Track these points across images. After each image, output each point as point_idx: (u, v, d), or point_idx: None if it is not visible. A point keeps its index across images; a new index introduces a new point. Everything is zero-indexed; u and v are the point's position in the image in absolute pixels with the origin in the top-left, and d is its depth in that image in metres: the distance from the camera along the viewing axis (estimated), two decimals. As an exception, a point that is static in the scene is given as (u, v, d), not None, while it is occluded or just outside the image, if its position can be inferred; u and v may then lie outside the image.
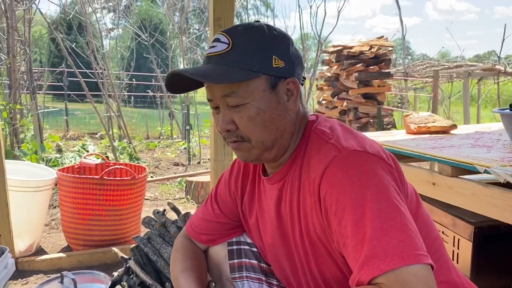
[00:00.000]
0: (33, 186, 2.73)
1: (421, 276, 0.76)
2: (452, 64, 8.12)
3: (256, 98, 0.98)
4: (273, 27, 1.04)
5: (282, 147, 1.06)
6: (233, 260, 1.32)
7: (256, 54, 0.98)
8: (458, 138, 2.73)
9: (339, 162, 0.92)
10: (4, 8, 4.63)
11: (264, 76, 0.98)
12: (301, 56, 1.07)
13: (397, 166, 0.98)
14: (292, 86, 1.02)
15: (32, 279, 2.48)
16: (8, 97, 4.94)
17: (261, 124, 1.00)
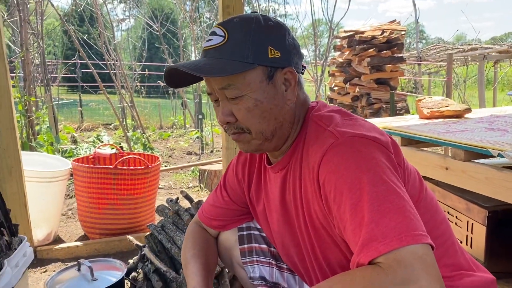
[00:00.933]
0: (49, 176, 2.78)
1: (419, 254, 0.76)
2: (467, 47, 7.97)
3: (254, 89, 0.99)
4: (269, 17, 1.04)
5: (282, 137, 1.07)
6: (243, 245, 1.34)
7: (251, 45, 0.98)
8: (472, 122, 2.70)
9: (336, 149, 0.92)
10: (16, 1, 4.67)
11: (260, 67, 0.99)
12: (298, 45, 1.07)
13: (397, 150, 0.98)
14: (289, 75, 1.03)
15: (50, 267, 2.54)
16: (23, 89, 5.01)
17: (259, 115, 1.01)
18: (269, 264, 1.34)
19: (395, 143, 1.00)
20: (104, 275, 2.01)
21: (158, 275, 1.99)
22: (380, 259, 0.77)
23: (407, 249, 0.77)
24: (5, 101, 2.37)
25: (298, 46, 1.06)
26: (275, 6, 14.57)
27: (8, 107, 2.38)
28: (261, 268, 1.34)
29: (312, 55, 9.26)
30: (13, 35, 6.30)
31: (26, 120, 4.74)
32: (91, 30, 7.14)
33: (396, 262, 0.76)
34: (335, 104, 5.64)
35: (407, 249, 0.77)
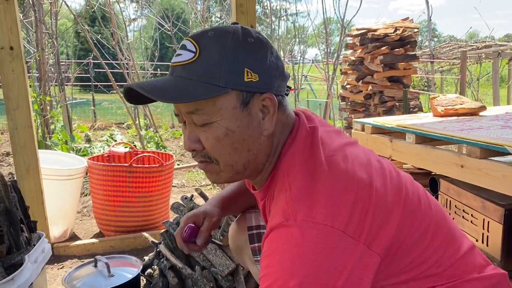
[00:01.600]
0: (66, 174, 2.82)
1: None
2: (481, 44, 7.89)
3: (225, 116, 0.86)
4: (249, 32, 0.90)
5: (255, 169, 0.95)
6: (253, 244, 1.34)
7: (225, 65, 0.84)
8: (487, 120, 2.68)
9: (277, 233, 0.81)
10: (32, 1, 4.74)
11: (234, 91, 0.85)
12: (282, 65, 0.93)
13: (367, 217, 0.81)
14: (268, 102, 0.89)
15: (67, 263, 2.58)
16: (38, 89, 5.08)
17: (230, 145, 0.88)
18: None
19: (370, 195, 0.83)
20: (120, 271, 2.04)
21: (174, 271, 2.01)
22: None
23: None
24: (23, 100, 2.41)
25: (281, 67, 0.92)
26: (286, 5, 14.59)
27: (26, 106, 2.42)
28: None
29: (323, 53, 9.25)
30: (27, 35, 6.40)
31: (42, 119, 4.80)
32: (103, 30, 7.21)
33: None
34: (347, 102, 5.62)
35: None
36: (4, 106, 2.41)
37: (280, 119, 0.93)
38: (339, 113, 6.71)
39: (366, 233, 0.79)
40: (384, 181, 0.88)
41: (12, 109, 2.41)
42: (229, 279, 1.91)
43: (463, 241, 0.98)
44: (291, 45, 9.91)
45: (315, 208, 0.79)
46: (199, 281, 1.90)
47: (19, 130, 2.43)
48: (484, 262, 0.98)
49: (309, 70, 12.91)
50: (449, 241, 0.94)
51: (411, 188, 0.94)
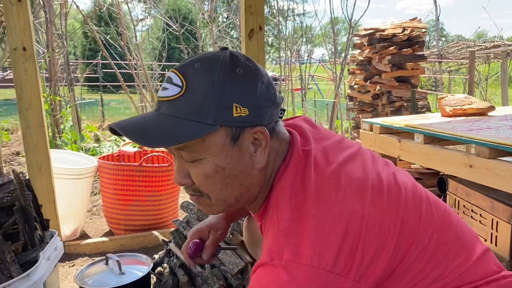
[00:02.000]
0: (76, 173, 2.86)
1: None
2: (490, 44, 7.85)
3: (214, 153, 0.83)
4: (239, 60, 0.86)
5: (248, 200, 0.93)
6: None
7: (212, 101, 0.80)
8: (496, 120, 2.68)
9: (262, 272, 0.80)
10: (42, 2, 4.79)
11: (223, 128, 0.82)
12: (273, 92, 0.88)
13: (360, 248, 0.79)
14: (260, 135, 0.85)
15: (78, 261, 2.62)
16: (48, 89, 5.13)
17: (220, 182, 0.86)
18: None
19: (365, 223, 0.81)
20: (131, 269, 2.06)
21: (184, 269, 2.03)
22: None
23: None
24: (35, 100, 2.44)
25: (273, 94, 0.88)
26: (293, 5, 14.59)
27: (38, 106, 2.46)
28: None
29: (331, 53, 9.26)
30: (37, 36, 6.46)
31: (52, 119, 4.85)
32: (111, 30, 7.26)
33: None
34: (355, 102, 5.62)
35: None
36: (17, 106, 2.45)
37: (273, 147, 0.90)
38: (347, 113, 6.71)
39: (355, 269, 0.78)
40: (379, 203, 0.85)
41: (25, 109, 2.44)
42: (238, 277, 1.93)
43: (474, 247, 0.94)
44: (298, 45, 9.91)
45: (301, 248, 0.77)
46: (209, 279, 1.92)
47: (31, 129, 2.47)
48: (497, 268, 0.95)
49: (316, 70, 12.90)
50: (455, 251, 0.90)
51: (411, 200, 0.91)
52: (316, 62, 12.84)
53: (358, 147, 1.01)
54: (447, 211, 0.97)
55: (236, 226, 2.09)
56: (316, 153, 0.90)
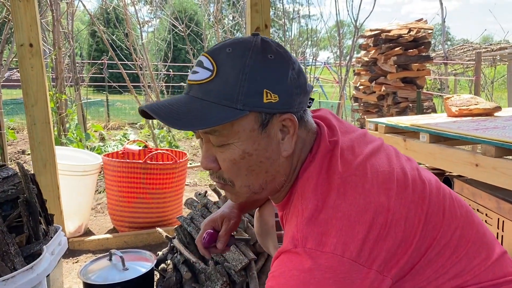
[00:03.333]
0: (81, 170, 2.86)
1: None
2: (496, 46, 7.82)
3: (242, 138, 0.83)
4: (270, 46, 0.85)
5: (274, 189, 0.93)
6: (280, 230, 1.33)
7: (243, 86, 0.80)
8: (502, 120, 2.66)
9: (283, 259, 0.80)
10: (50, 1, 4.82)
11: (252, 113, 0.82)
12: (303, 81, 0.87)
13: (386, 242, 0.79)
14: (288, 123, 0.85)
15: (82, 257, 2.62)
16: (54, 87, 5.16)
17: (246, 168, 0.86)
18: None
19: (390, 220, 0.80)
20: (134, 265, 2.06)
21: (187, 266, 2.03)
22: None
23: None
24: (41, 96, 2.45)
25: (303, 82, 0.87)
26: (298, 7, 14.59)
27: (44, 102, 2.47)
28: None
29: (336, 56, 9.25)
30: (44, 35, 6.50)
31: (58, 117, 4.88)
32: (118, 31, 7.30)
33: None
34: (360, 103, 5.62)
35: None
36: (23, 102, 2.46)
37: (300, 136, 0.89)
38: (352, 114, 6.70)
39: (379, 260, 0.77)
40: (405, 196, 0.85)
41: (31, 105, 2.45)
42: (242, 274, 1.93)
43: (494, 248, 0.94)
44: (303, 47, 9.92)
45: (326, 237, 0.77)
46: (212, 276, 1.91)
47: (37, 126, 2.48)
48: None
49: (321, 73, 12.90)
50: (476, 249, 0.90)
51: (435, 195, 0.90)
52: (321, 65, 12.85)
53: (381, 141, 1.01)
54: (469, 209, 0.96)
55: (240, 223, 2.08)
56: (343, 145, 0.90)
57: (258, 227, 1.43)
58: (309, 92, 0.89)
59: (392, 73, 4.94)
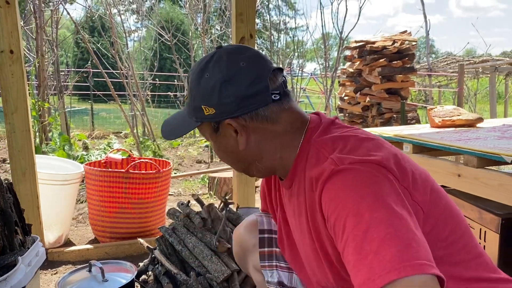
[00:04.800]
0: (61, 179, 2.81)
1: (416, 285, 0.70)
2: (478, 59, 7.95)
3: (210, 139, 1.07)
4: (206, 66, 1.00)
5: (264, 169, 1.08)
6: (263, 248, 1.32)
7: (191, 103, 1.03)
8: (484, 131, 2.69)
9: (334, 177, 0.88)
10: (33, 9, 4.77)
11: (205, 123, 1.03)
12: (241, 85, 0.97)
13: (403, 170, 0.91)
14: (235, 124, 0.99)
15: (61, 269, 2.56)
16: (36, 96, 5.09)
17: (224, 157, 1.10)
18: (289, 270, 1.31)
19: (400, 159, 0.93)
20: (114, 276, 2.02)
21: (169, 277, 1.99)
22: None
23: (405, 280, 0.70)
24: (21, 103, 2.41)
25: (239, 89, 0.97)
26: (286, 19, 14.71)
27: (24, 110, 2.42)
28: (280, 273, 1.31)
29: (322, 67, 9.30)
30: (28, 42, 6.42)
31: (40, 125, 4.80)
32: (104, 39, 7.25)
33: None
34: (345, 114, 5.65)
35: (403, 281, 0.70)
36: (2, 110, 2.41)
37: (266, 129, 1.01)
38: (337, 125, 6.71)
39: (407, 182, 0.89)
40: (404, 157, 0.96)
41: (10, 113, 2.40)
42: (224, 285, 1.90)
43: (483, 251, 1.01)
44: (290, 58, 9.97)
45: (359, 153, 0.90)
46: (194, 287, 1.88)
47: (16, 133, 2.43)
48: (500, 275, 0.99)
49: (308, 84, 12.98)
50: (470, 233, 0.99)
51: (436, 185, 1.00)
52: (308, 76, 12.93)
53: None
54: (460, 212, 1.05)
55: (223, 233, 2.06)
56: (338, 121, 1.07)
57: (238, 246, 1.42)
58: (256, 93, 0.98)
59: (377, 84, 4.99)
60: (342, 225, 0.82)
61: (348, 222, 0.81)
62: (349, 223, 0.80)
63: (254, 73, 0.98)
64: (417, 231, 0.78)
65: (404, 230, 0.76)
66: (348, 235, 0.80)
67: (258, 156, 1.05)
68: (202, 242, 2.05)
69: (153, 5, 10.84)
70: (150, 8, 11.07)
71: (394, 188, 0.85)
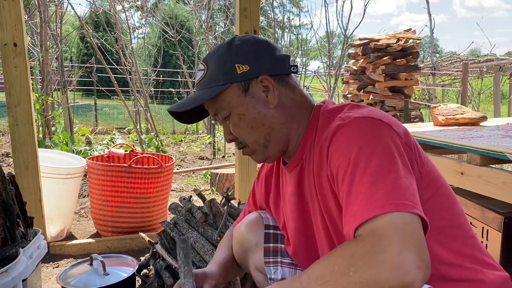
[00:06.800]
0: (64, 173, 2.81)
1: (397, 223, 0.75)
2: (483, 58, 7.91)
3: (235, 105, 1.06)
4: (237, 38, 1.10)
5: (280, 139, 1.10)
6: (268, 244, 1.32)
7: (220, 68, 1.06)
8: (487, 130, 2.68)
9: (341, 129, 0.94)
10: (37, 3, 4.77)
11: (234, 84, 1.05)
12: (272, 51, 1.10)
13: (407, 134, 0.97)
14: (265, 82, 1.06)
15: (62, 262, 2.56)
16: (40, 90, 5.09)
17: (246, 126, 1.08)
18: (293, 265, 1.32)
19: (407, 131, 0.99)
20: (115, 270, 2.02)
21: (170, 271, 1.99)
22: (359, 229, 0.78)
23: (385, 217, 0.76)
24: (24, 96, 2.41)
25: (271, 52, 1.09)
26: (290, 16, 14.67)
27: (27, 103, 2.42)
28: (285, 270, 1.31)
29: (326, 66, 9.29)
30: (32, 37, 6.43)
31: (43, 119, 4.81)
32: (108, 36, 7.26)
33: (371, 231, 0.76)
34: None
35: (385, 217, 0.76)
36: (6, 102, 2.41)
37: (284, 93, 1.09)
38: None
39: (409, 140, 0.95)
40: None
41: (13, 106, 2.41)
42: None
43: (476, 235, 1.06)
44: (293, 56, 9.95)
45: (365, 111, 0.97)
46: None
47: (19, 126, 2.43)
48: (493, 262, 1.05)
49: (311, 82, 12.96)
50: (465, 216, 1.04)
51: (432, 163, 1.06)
52: (311, 74, 12.91)
53: None
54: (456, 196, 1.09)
55: (224, 229, 2.06)
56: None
57: (239, 245, 1.41)
58: (282, 59, 1.10)
59: (380, 82, 4.97)
60: (343, 174, 0.89)
61: (346, 170, 0.87)
62: (347, 171, 0.87)
63: (278, 47, 1.12)
64: (407, 178, 0.84)
65: (394, 176, 0.83)
66: (345, 181, 0.87)
67: (282, 120, 1.09)
68: (203, 237, 2.05)
69: (157, 1, 10.83)
70: (155, 4, 11.08)
71: (393, 140, 0.90)
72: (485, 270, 0.98)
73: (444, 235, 0.97)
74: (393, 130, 0.93)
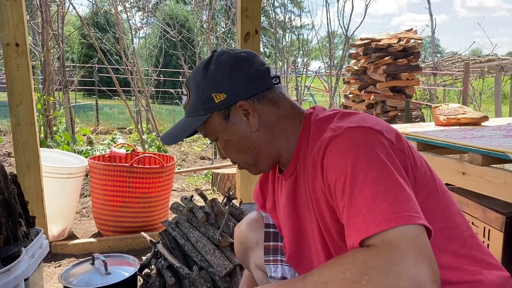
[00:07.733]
0: (66, 172, 2.82)
1: (408, 236, 0.75)
2: (484, 58, 7.90)
3: (220, 131, 1.08)
4: (211, 61, 1.07)
5: (270, 156, 1.11)
6: (269, 242, 1.33)
7: (198, 98, 1.06)
8: (489, 130, 2.67)
9: (333, 141, 0.94)
10: (39, 3, 4.78)
11: (214, 113, 1.06)
12: (247, 72, 1.07)
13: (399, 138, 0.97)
14: (244, 106, 1.06)
15: (64, 262, 2.57)
16: (42, 90, 5.10)
17: (233, 150, 1.10)
18: None
19: (399, 134, 0.99)
20: (117, 270, 2.02)
21: (171, 271, 2.00)
22: (368, 241, 0.78)
23: (395, 230, 0.76)
24: (26, 96, 2.42)
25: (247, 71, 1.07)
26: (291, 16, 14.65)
27: (29, 103, 2.43)
28: (285, 268, 1.32)
29: (327, 66, 9.27)
30: (33, 37, 6.44)
31: (45, 119, 4.81)
32: (109, 35, 7.26)
33: (382, 242, 0.76)
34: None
35: (395, 230, 0.76)
36: (8, 102, 2.42)
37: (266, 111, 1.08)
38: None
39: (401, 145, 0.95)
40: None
41: (15, 105, 2.41)
42: (226, 280, 1.90)
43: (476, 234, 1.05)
44: (295, 56, 9.94)
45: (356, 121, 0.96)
46: (197, 281, 1.88)
47: (21, 126, 2.44)
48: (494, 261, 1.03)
49: (312, 82, 12.95)
50: (463, 215, 1.04)
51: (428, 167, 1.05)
52: (312, 74, 12.90)
53: None
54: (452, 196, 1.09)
55: (226, 228, 2.06)
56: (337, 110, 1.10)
57: (240, 243, 1.42)
58: (261, 75, 1.08)
59: (382, 82, 4.97)
60: (341, 187, 0.88)
61: (345, 183, 0.87)
62: (346, 184, 0.86)
63: (256, 61, 1.10)
64: (406, 188, 0.84)
65: (394, 187, 0.83)
66: (345, 195, 0.86)
67: (267, 140, 1.09)
68: (205, 236, 2.05)
69: (158, 1, 10.84)
70: (156, 4, 11.08)
71: (386, 149, 0.90)
72: (484, 271, 0.97)
73: (440, 238, 0.96)
74: (385, 137, 0.93)
